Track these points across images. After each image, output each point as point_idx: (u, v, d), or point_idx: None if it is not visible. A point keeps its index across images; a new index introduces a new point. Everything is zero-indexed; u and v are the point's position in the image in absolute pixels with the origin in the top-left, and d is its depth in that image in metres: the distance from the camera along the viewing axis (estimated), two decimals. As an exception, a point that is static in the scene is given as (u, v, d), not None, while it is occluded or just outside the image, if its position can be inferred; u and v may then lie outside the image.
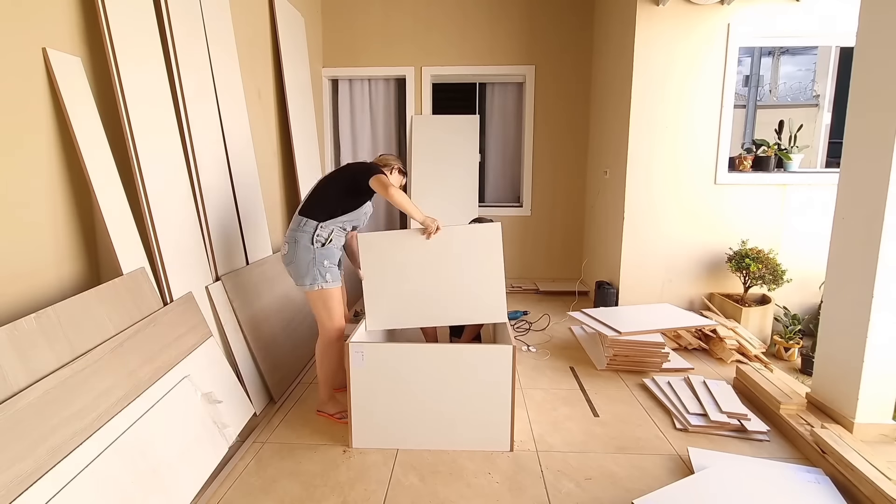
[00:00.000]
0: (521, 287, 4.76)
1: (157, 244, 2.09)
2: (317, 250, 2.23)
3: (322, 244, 2.24)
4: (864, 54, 2.13)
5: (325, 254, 2.25)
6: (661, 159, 3.72)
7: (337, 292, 2.32)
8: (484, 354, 2.11)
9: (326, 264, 2.26)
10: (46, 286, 1.77)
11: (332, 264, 2.29)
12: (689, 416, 2.38)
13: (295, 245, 2.24)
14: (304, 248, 2.23)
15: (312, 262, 2.23)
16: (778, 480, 1.89)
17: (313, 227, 2.24)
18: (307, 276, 2.24)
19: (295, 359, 2.89)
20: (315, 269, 2.23)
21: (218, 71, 2.73)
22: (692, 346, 3.29)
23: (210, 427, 2.01)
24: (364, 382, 2.15)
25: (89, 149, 1.87)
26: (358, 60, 4.79)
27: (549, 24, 4.68)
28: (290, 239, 2.27)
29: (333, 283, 2.28)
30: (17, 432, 1.31)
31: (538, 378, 2.89)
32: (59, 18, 1.85)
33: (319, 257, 2.24)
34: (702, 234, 3.78)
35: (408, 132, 4.89)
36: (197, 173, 2.43)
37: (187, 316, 2.15)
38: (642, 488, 1.91)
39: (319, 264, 2.24)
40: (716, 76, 3.61)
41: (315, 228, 2.24)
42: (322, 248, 2.24)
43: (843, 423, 2.17)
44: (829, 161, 4.20)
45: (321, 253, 2.24)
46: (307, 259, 2.23)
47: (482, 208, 4.92)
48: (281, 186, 3.69)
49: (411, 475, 2.00)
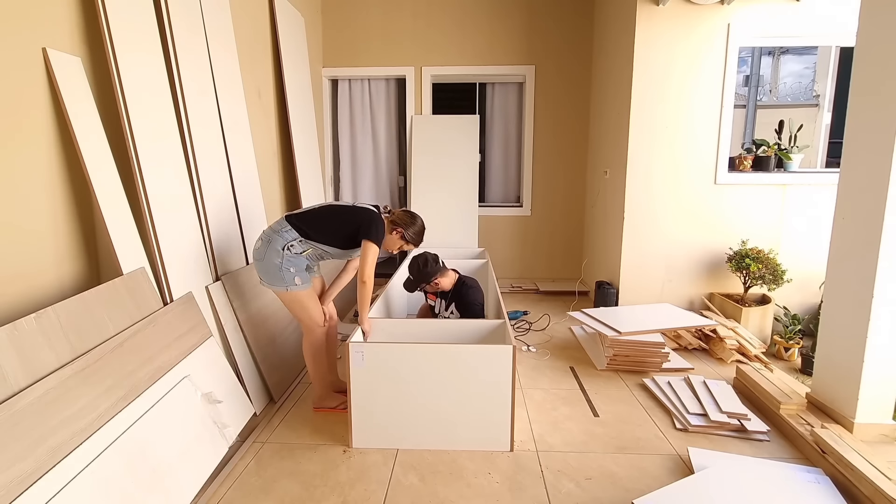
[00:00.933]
0: (521, 287, 4.76)
1: (157, 244, 2.09)
2: (285, 256, 2.24)
3: (292, 253, 2.25)
4: (864, 54, 2.13)
5: (293, 261, 2.26)
6: (660, 159, 3.72)
7: (309, 293, 2.34)
8: (484, 354, 2.11)
9: (293, 270, 2.26)
10: (46, 286, 1.77)
11: (300, 270, 2.29)
12: (689, 416, 2.38)
13: (267, 245, 2.26)
14: (274, 250, 2.24)
15: (279, 266, 2.24)
16: (778, 480, 1.89)
17: (293, 237, 2.25)
18: (275, 278, 2.26)
19: (295, 359, 2.89)
20: (282, 273, 2.25)
21: (218, 71, 2.73)
22: (692, 346, 3.29)
23: (210, 427, 2.01)
24: (364, 382, 2.15)
25: (89, 149, 1.87)
26: (358, 60, 4.79)
27: (549, 24, 4.68)
28: (265, 237, 2.28)
29: (303, 285, 2.30)
30: (17, 432, 1.31)
31: (538, 378, 2.89)
32: (59, 18, 1.85)
33: (286, 264, 2.25)
34: (702, 234, 3.78)
35: (408, 132, 4.89)
36: (197, 173, 2.43)
37: (187, 316, 2.15)
38: (642, 488, 1.91)
39: (286, 269, 2.25)
40: (716, 76, 3.61)
41: (294, 239, 2.25)
42: (291, 256, 2.26)
43: (843, 423, 2.17)
44: (829, 161, 4.20)
45: (289, 260, 2.25)
46: (275, 262, 2.24)
47: (482, 208, 4.93)
48: (281, 186, 3.69)
49: (411, 475, 2.00)
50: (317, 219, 2.32)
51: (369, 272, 2.25)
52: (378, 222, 2.30)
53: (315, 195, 4.06)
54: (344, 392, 2.47)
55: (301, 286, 2.28)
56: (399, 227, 2.38)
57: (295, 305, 2.33)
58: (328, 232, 2.30)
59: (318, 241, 2.29)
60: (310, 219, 2.32)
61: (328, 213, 2.37)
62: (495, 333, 2.50)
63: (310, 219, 2.32)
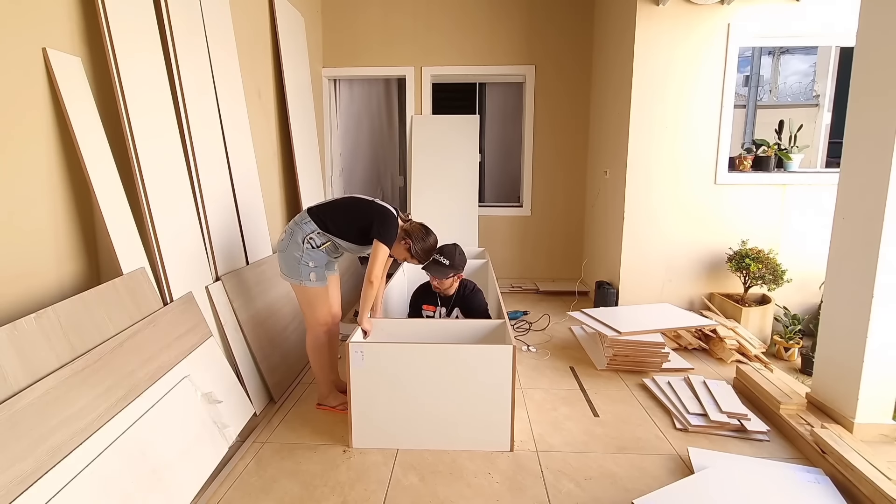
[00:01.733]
0: (521, 287, 4.76)
1: (157, 244, 2.09)
2: (305, 250, 2.26)
3: (312, 247, 2.27)
4: (864, 54, 2.13)
5: (312, 255, 2.27)
6: (660, 159, 3.72)
7: (321, 291, 2.34)
8: (484, 354, 2.11)
9: (311, 265, 2.28)
10: (46, 286, 1.77)
11: (319, 266, 2.30)
12: (689, 416, 2.38)
13: (290, 237, 2.29)
14: (296, 243, 2.27)
15: (299, 260, 2.26)
16: (778, 480, 1.89)
17: (312, 229, 2.27)
18: (293, 270, 2.28)
19: (295, 359, 2.89)
20: (300, 267, 2.27)
21: (218, 71, 2.73)
22: (692, 346, 3.29)
23: (210, 427, 2.01)
24: (364, 382, 2.15)
25: (89, 149, 1.87)
26: (358, 60, 4.79)
27: (549, 24, 4.68)
28: (289, 230, 2.32)
29: (317, 282, 2.30)
30: (17, 432, 1.30)
31: (538, 378, 2.89)
32: (59, 18, 1.85)
33: (305, 257, 2.27)
34: (702, 234, 3.78)
35: (408, 132, 4.89)
36: (197, 173, 2.43)
37: (187, 316, 2.15)
38: (642, 488, 1.91)
39: (304, 264, 2.27)
40: (716, 76, 3.61)
41: (312, 231, 2.27)
42: (311, 250, 2.27)
43: (843, 423, 2.17)
44: (829, 161, 4.20)
45: (308, 254, 2.27)
46: (295, 254, 2.26)
47: (482, 208, 4.93)
48: (281, 186, 3.69)
49: (411, 475, 2.00)
50: (335, 210, 2.33)
51: (377, 272, 2.24)
52: (392, 223, 2.28)
53: (315, 195, 4.06)
54: (346, 392, 2.47)
55: (314, 283, 2.29)
56: (409, 238, 2.35)
57: (303, 300, 2.36)
58: (343, 224, 2.30)
59: (334, 234, 2.29)
60: (328, 210, 2.33)
61: (346, 205, 2.38)
62: (495, 333, 2.50)
63: (328, 210, 2.33)
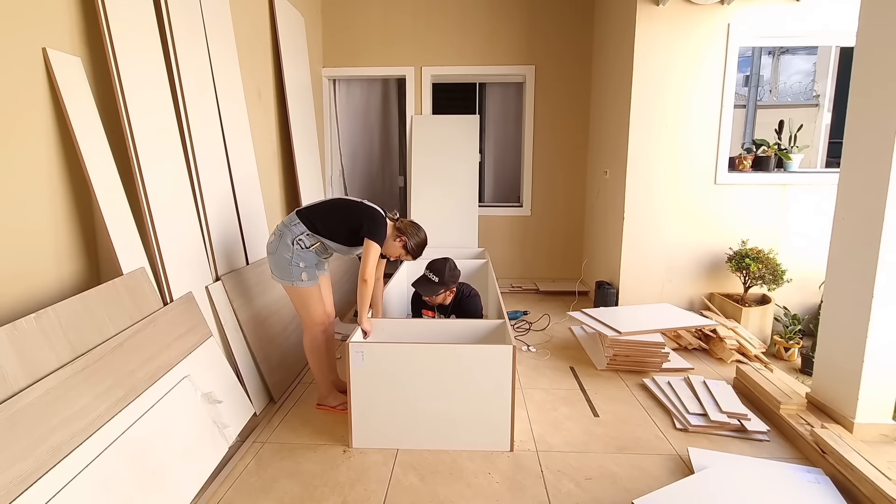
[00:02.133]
0: (521, 287, 4.76)
1: (157, 244, 2.09)
2: (295, 251, 2.27)
3: (301, 248, 2.28)
4: (864, 54, 2.13)
5: (302, 256, 2.28)
6: (660, 159, 3.72)
7: (314, 291, 2.35)
8: (484, 354, 2.11)
9: (302, 265, 2.29)
10: (46, 286, 1.77)
11: (309, 266, 2.31)
12: (689, 416, 2.38)
13: (279, 239, 2.30)
14: (285, 245, 2.27)
15: (289, 261, 2.27)
16: (778, 480, 1.89)
17: (301, 231, 2.28)
18: (284, 272, 2.29)
19: (295, 359, 2.89)
20: (290, 268, 2.28)
21: (218, 71, 2.73)
22: (692, 346, 3.29)
23: (210, 427, 2.01)
24: (364, 382, 2.15)
25: (89, 149, 1.87)
26: (358, 60, 4.79)
27: (549, 24, 4.68)
28: (278, 231, 2.32)
29: (309, 282, 2.31)
30: (17, 432, 1.30)
31: (538, 378, 2.89)
32: (59, 18, 1.85)
33: (296, 258, 2.27)
34: (702, 234, 3.78)
35: (408, 132, 4.89)
36: (197, 173, 2.43)
37: (187, 316, 2.15)
38: (642, 488, 1.91)
39: (295, 265, 2.27)
40: (716, 76, 3.61)
41: (302, 233, 2.28)
42: (301, 251, 2.28)
43: (843, 423, 2.17)
44: (829, 161, 4.20)
45: (298, 254, 2.28)
46: (285, 256, 2.27)
47: (482, 208, 4.93)
48: (281, 186, 3.69)
49: (411, 475, 2.00)
50: (323, 212, 2.35)
51: (370, 271, 2.26)
52: (380, 222, 2.32)
53: (315, 195, 4.06)
54: (345, 392, 2.48)
55: (307, 283, 2.30)
56: (404, 235, 2.40)
57: (297, 301, 2.37)
58: (332, 226, 2.31)
59: (324, 235, 2.31)
60: (317, 212, 2.34)
61: (334, 206, 2.39)
62: (495, 333, 2.50)
63: (317, 212, 2.34)
